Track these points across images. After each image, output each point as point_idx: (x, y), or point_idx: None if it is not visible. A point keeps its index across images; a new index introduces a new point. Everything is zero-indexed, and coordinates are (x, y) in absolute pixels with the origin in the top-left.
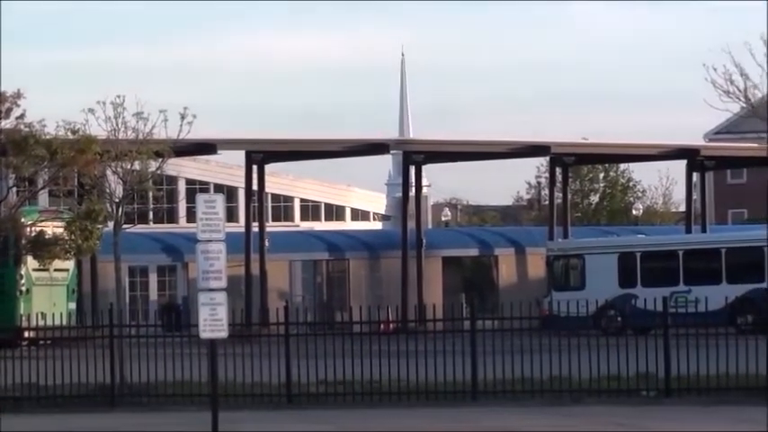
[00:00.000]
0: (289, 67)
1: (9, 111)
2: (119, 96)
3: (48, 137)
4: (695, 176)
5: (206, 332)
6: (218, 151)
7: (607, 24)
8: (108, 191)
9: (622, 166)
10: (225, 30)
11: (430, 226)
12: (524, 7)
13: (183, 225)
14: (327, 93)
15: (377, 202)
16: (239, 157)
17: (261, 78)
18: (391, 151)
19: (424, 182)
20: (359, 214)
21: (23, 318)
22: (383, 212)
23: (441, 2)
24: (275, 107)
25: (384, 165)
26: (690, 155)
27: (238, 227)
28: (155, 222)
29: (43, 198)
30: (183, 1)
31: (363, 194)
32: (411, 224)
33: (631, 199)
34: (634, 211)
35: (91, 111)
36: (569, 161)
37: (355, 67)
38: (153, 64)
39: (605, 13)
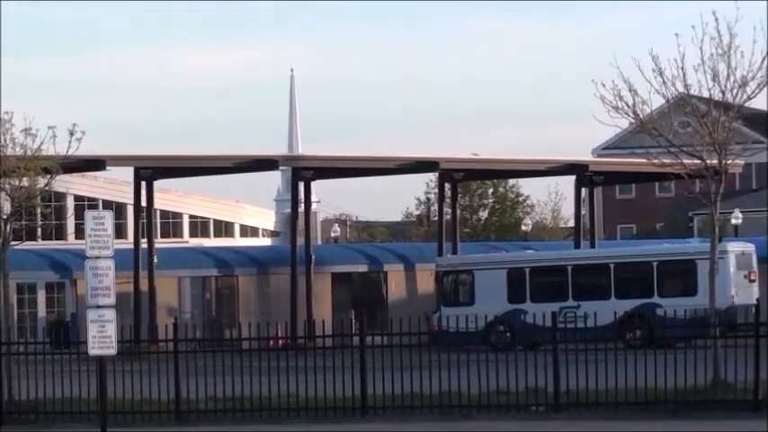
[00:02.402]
0: (178, 83)
1: None
2: (6, 112)
3: None
4: (584, 192)
5: (95, 349)
6: (107, 167)
7: (497, 40)
8: None
9: (511, 181)
10: (114, 46)
11: (319, 242)
12: (415, 23)
13: (71, 242)
14: (218, 109)
15: (266, 218)
16: (128, 173)
17: (151, 94)
18: (280, 167)
19: (314, 198)
20: (248, 230)
21: None
22: (272, 228)
23: (333, 18)
24: (165, 123)
25: (273, 181)
26: (579, 170)
27: (127, 243)
28: (43, 239)
29: None
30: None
31: (253, 210)
32: (300, 240)
33: (520, 214)
34: (523, 227)
35: None
36: (458, 177)
37: (246, 84)
38: (42, 80)
39: (495, 29)
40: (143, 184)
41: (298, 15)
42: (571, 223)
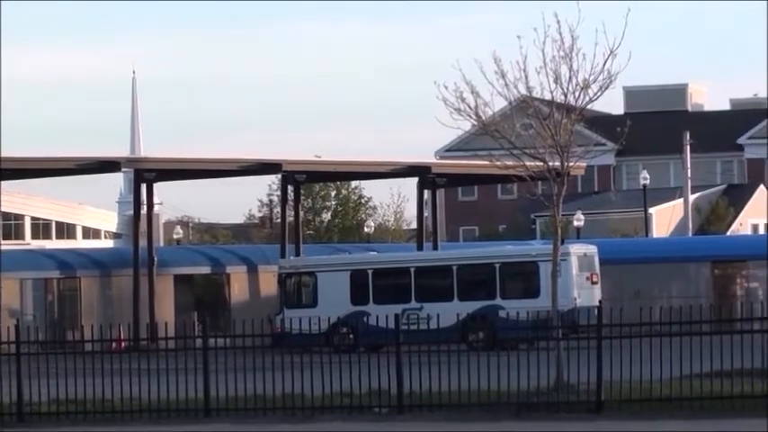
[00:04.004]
0: (20, 83)
1: None
2: None
3: None
4: (427, 194)
5: None
6: None
7: (340, 42)
8: None
9: (354, 183)
10: None
11: (162, 244)
12: (258, 24)
13: None
14: (60, 110)
15: (108, 220)
16: None
17: None
18: (123, 169)
19: (156, 200)
20: (90, 232)
21: None
22: (115, 230)
23: (175, 21)
24: (6, 125)
25: (116, 182)
26: (421, 172)
27: None
28: None
29: None
30: None
31: (95, 212)
32: (143, 242)
33: (363, 216)
34: (366, 229)
35: None
36: (301, 179)
37: (91, 85)
38: None
39: (338, 31)
40: None
41: (141, 18)
42: (414, 225)
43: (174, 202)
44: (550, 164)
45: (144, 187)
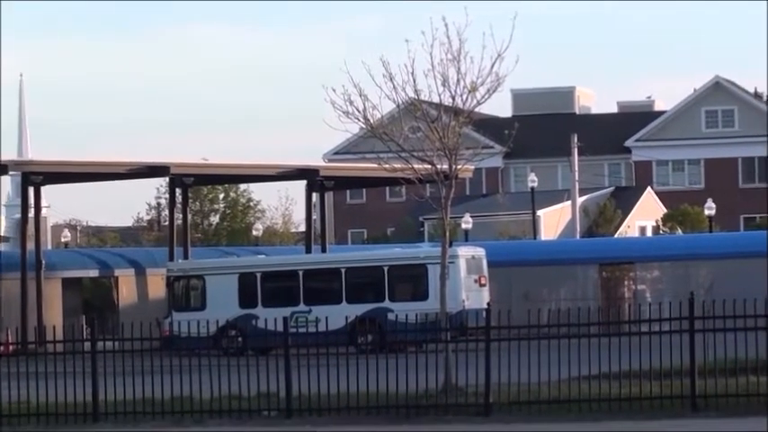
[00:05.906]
0: None
1: None
2: None
3: None
4: (315, 196)
5: None
6: None
7: (228, 45)
8: None
9: (243, 186)
10: None
11: (50, 247)
12: (145, 30)
13: None
14: None
15: None
16: None
17: None
18: (10, 172)
19: (44, 203)
20: None
21: None
22: (2, 234)
23: (65, 23)
24: None
25: (3, 186)
26: (309, 175)
27: None
28: None
29: None
30: None
31: None
32: (30, 245)
33: (252, 219)
34: (254, 232)
35: None
36: (189, 182)
37: None
38: None
39: (227, 34)
40: None
41: (29, 19)
42: (302, 228)
43: (62, 205)
44: (438, 166)
45: (31, 191)
